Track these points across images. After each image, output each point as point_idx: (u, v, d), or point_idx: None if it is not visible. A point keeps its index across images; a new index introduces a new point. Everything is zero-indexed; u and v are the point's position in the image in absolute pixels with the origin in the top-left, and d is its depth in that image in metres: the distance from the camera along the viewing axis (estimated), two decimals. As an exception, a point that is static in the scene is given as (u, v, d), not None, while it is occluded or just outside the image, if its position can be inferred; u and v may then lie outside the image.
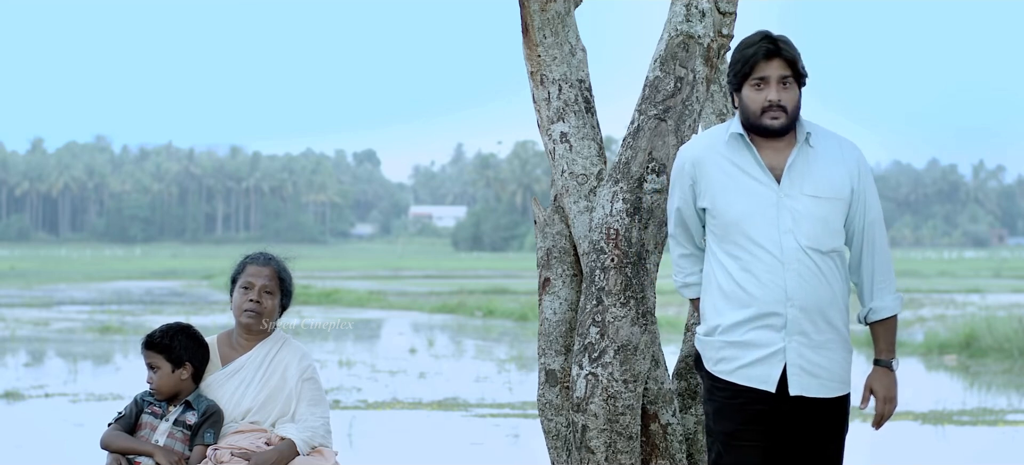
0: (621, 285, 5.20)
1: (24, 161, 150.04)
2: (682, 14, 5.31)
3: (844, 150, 4.65)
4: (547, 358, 5.53)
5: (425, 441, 12.46)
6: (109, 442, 5.38)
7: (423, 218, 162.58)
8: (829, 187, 4.59)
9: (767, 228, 4.56)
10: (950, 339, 21.78)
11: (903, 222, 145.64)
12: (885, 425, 4.82)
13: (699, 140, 4.83)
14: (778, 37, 4.61)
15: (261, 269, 5.52)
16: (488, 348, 23.11)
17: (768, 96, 4.55)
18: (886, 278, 4.68)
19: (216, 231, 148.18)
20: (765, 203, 4.58)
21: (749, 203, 4.59)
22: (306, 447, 5.38)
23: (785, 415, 4.61)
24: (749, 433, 4.61)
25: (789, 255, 4.54)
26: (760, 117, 4.57)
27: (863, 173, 4.65)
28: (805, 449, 4.65)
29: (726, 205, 4.62)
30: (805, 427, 4.63)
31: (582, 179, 5.47)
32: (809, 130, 4.64)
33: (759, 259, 4.57)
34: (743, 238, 4.59)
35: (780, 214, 4.57)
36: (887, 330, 4.69)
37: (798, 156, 4.60)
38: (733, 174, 4.63)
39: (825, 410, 4.64)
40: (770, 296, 4.55)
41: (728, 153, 4.66)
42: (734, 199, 4.61)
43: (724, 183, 4.64)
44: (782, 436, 4.63)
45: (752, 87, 4.58)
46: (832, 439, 4.70)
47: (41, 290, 44.72)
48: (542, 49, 5.52)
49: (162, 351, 5.43)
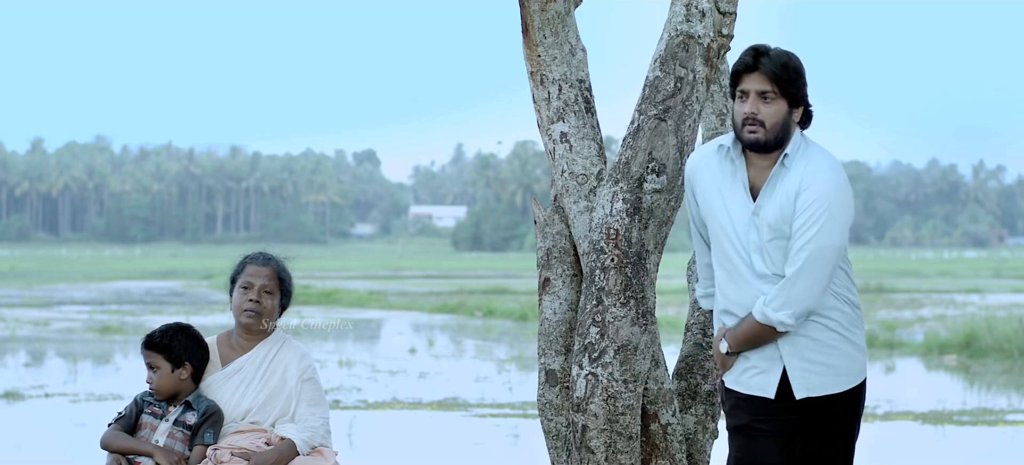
0: (621, 285, 5.20)
1: (24, 161, 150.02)
2: (682, 14, 5.30)
3: (806, 170, 4.51)
4: (547, 358, 5.53)
5: (425, 441, 12.46)
6: (109, 442, 5.38)
7: (423, 218, 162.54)
8: (781, 211, 4.52)
9: (738, 244, 4.59)
10: (950, 339, 21.78)
11: (903, 222, 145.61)
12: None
13: (699, 150, 4.86)
14: (766, 50, 4.54)
15: (261, 269, 5.51)
16: (488, 348, 23.11)
17: (745, 109, 4.53)
18: (779, 293, 4.48)
19: (216, 231, 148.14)
20: (738, 219, 4.59)
21: (726, 216, 4.62)
22: (306, 447, 5.38)
23: (795, 415, 4.61)
24: (765, 426, 4.62)
25: (760, 272, 4.57)
26: (741, 129, 4.56)
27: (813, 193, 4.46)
28: (818, 444, 4.65)
29: (710, 215, 4.68)
30: (816, 423, 4.63)
31: (582, 179, 5.47)
32: (789, 152, 4.55)
33: (739, 270, 4.60)
34: (722, 250, 4.64)
35: (750, 231, 4.58)
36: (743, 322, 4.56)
37: (774, 176, 4.57)
38: (718, 185, 4.67)
39: (834, 405, 4.64)
40: (750, 309, 4.59)
41: (716, 164, 4.69)
42: (716, 209, 4.66)
43: (710, 193, 4.68)
44: (795, 432, 4.64)
45: (738, 99, 4.58)
46: (842, 433, 4.69)
47: (41, 290, 44.72)
48: (542, 49, 5.52)
49: (162, 351, 5.43)
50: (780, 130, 4.54)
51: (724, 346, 4.64)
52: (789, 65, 4.54)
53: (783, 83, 4.52)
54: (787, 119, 4.55)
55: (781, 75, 4.52)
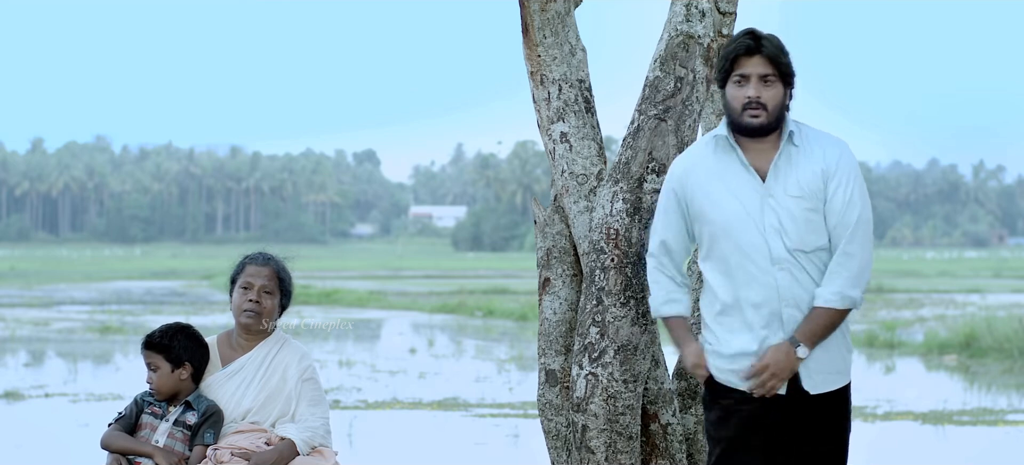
0: (621, 285, 5.20)
1: (24, 161, 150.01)
2: (682, 14, 5.30)
3: (826, 148, 4.59)
4: (547, 358, 5.53)
5: (425, 441, 12.46)
6: (109, 442, 5.38)
7: (423, 218, 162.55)
8: (809, 186, 4.54)
9: (753, 230, 4.55)
10: (950, 339, 21.78)
11: (903, 222, 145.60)
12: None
13: (685, 155, 4.77)
14: (762, 34, 4.57)
15: (260, 269, 5.51)
16: (488, 348, 23.11)
17: (747, 93, 4.53)
18: (842, 273, 4.54)
19: (216, 231, 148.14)
20: (750, 204, 4.56)
21: (735, 204, 4.57)
22: (306, 447, 5.38)
23: (789, 416, 4.59)
24: (752, 439, 4.59)
25: (777, 256, 4.53)
26: (741, 114, 4.55)
27: (842, 170, 4.56)
28: (810, 447, 4.63)
29: (713, 208, 4.60)
30: (808, 426, 4.61)
31: (582, 179, 5.47)
32: (793, 129, 4.60)
33: (749, 263, 4.55)
34: (730, 243, 4.57)
35: (764, 214, 4.55)
36: (814, 318, 4.53)
37: (781, 156, 4.57)
38: (720, 176, 4.61)
39: (826, 406, 4.62)
40: (764, 301, 4.53)
41: (713, 157, 4.64)
42: (721, 201, 4.59)
43: (711, 187, 4.61)
44: (785, 439, 4.61)
45: (734, 83, 4.56)
46: (836, 435, 4.67)
47: (41, 290, 44.73)
48: (542, 49, 5.52)
49: (161, 351, 5.43)
50: (779, 112, 4.56)
51: (804, 351, 4.50)
52: (783, 48, 4.59)
53: (781, 66, 4.55)
54: (784, 101, 4.59)
55: (780, 58, 4.55)
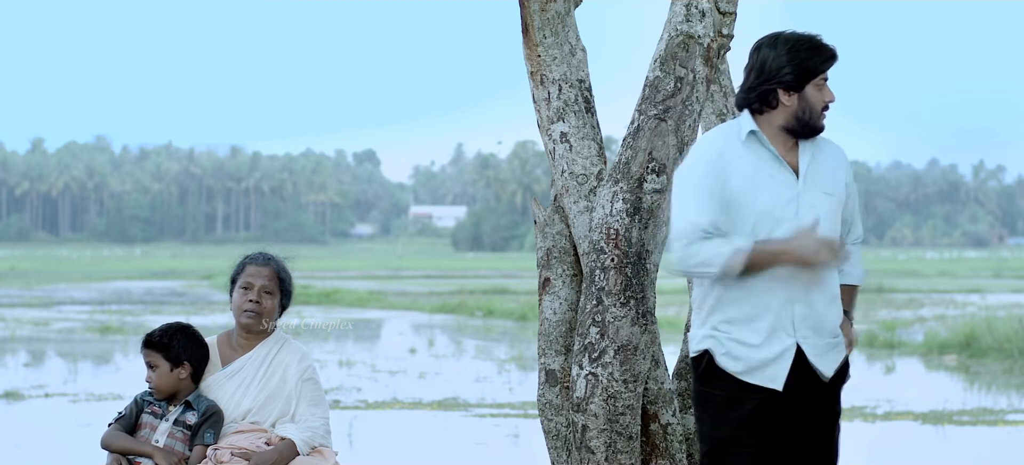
0: (621, 285, 5.19)
1: (24, 161, 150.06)
2: (682, 14, 5.30)
3: (835, 149, 4.81)
4: (547, 358, 5.53)
5: (425, 441, 12.46)
6: (109, 442, 5.38)
7: (423, 218, 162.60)
8: (835, 184, 4.71)
9: (788, 224, 4.61)
10: (950, 339, 21.78)
11: (903, 222, 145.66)
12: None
13: (710, 143, 4.71)
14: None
15: (260, 269, 5.51)
16: (488, 348, 23.11)
17: (828, 97, 4.68)
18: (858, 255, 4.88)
19: (216, 231, 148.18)
20: (785, 199, 4.63)
21: (771, 198, 4.63)
22: (306, 447, 5.38)
23: (785, 410, 4.60)
24: (743, 438, 4.60)
25: None
26: (820, 116, 4.69)
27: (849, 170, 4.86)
28: (803, 442, 4.65)
29: (751, 200, 4.62)
30: (803, 418, 4.64)
31: (582, 179, 5.47)
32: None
33: None
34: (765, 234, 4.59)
35: (800, 210, 4.63)
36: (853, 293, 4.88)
37: (809, 154, 4.69)
38: (756, 169, 4.64)
39: (822, 397, 4.66)
40: (786, 292, 4.58)
41: (745, 152, 4.65)
42: (758, 194, 4.62)
43: (747, 178, 4.63)
44: (777, 436, 4.62)
45: (815, 87, 4.67)
46: (830, 428, 4.70)
47: (41, 290, 44.74)
48: (542, 49, 5.52)
49: (161, 350, 5.43)
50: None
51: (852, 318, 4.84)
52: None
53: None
54: None
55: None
